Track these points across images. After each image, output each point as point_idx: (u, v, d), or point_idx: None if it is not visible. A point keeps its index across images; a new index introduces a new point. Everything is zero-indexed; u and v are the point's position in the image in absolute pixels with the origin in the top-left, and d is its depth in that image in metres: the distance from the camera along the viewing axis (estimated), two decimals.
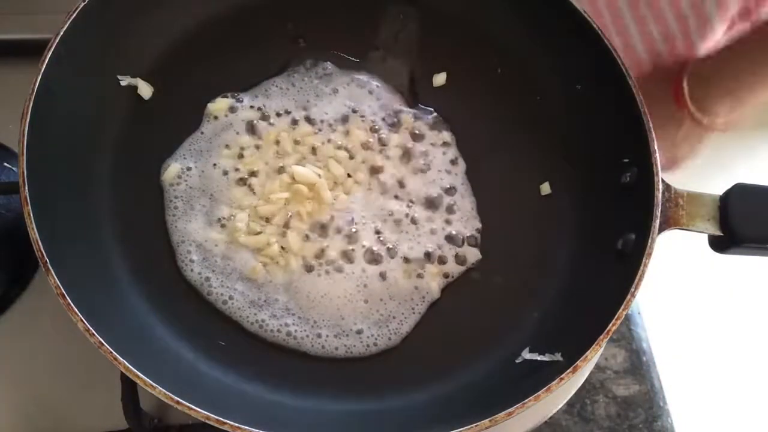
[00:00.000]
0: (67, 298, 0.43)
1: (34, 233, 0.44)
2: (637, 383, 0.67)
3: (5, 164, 0.60)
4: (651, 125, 0.54)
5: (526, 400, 0.44)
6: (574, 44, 0.59)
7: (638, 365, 0.68)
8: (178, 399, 0.41)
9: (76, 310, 0.43)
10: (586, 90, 0.60)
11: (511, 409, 0.44)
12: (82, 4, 0.52)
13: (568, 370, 0.46)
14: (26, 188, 0.45)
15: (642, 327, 0.70)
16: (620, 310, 0.48)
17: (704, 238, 0.53)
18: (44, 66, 0.50)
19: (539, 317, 0.56)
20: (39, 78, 0.49)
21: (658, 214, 0.51)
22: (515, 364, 0.52)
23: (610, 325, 0.47)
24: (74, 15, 0.51)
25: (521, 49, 0.63)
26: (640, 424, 0.65)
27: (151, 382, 0.41)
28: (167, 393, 0.41)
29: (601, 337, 0.47)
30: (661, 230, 0.51)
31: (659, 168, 0.53)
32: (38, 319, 0.56)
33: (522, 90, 0.63)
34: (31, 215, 0.45)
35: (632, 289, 0.48)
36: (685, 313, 1.28)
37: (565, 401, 0.59)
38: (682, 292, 1.14)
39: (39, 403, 0.55)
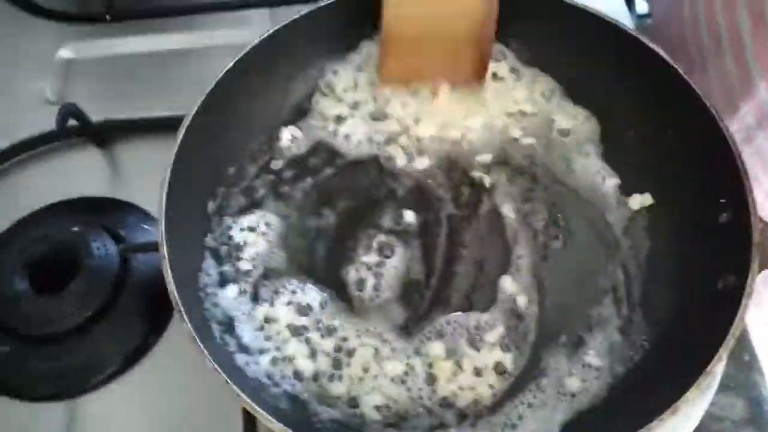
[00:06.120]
0: (198, 342, 0.48)
1: (171, 285, 0.50)
2: None
3: (143, 225, 0.68)
4: (746, 166, 0.54)
5: None
6: (662, 90, 0.61)
7: (759, 414, 0.64)
8: None
9: (206, 353, 0.48)
10: (676, 135, 0.61)
11: None
12: (209, 88, 0.59)
13: (667, 411, 0.46)
14: (165, 247, 0.52)
15: (761, 374, 0.67)
16: (721, 351, 0.47)
17: None
18: (180, 140, 0.56)
19: (641, 359, 0.56)
20: (175, 150, 0.56)
21: (757, 254, 0.51)
22: (615, 405, 0.53)
23: (711, 365, 0.47)
24: (204, 96, 0.58)
25: (611, 95, 0.65)
26: None
27: (270, 417, 0.46)
28: (285, 428, 0.45)
29: (701, 378, 0.47)
30: (761, 270, 0.50)
31: (756, 208, 0.52)
32: (174, 364, 0.62)
33: (612, 137, 0.66)
34: (168, 270, 0.51)
35: (732, 330, 0.48)
36: None
37: None
38: None
39: None
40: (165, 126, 0.69)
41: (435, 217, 0.64)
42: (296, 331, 0.57)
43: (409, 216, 0.63)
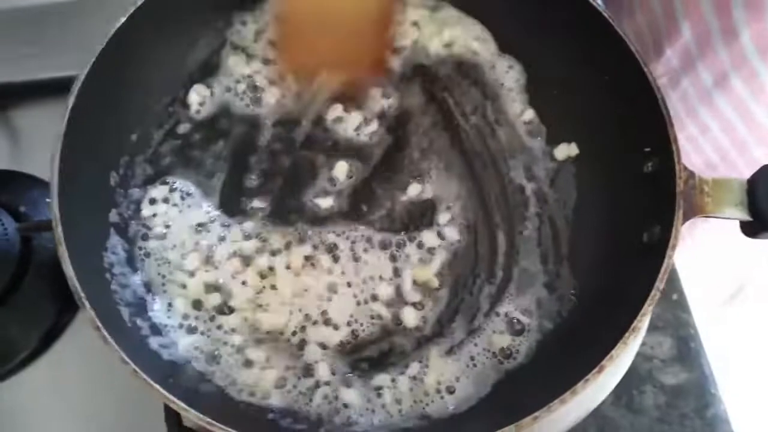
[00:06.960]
0: (103, 331, 0.45)
1: (69, 269, 0.47)
2: (685, 371, 0.65)
3: (46, 200, 0.62)
4: (669, 112, 0.53)
5: (552, 403, 0.44)
6: (588, 36, 0.58)
7: (686, 352, 0.66)
8: (210, 420, 0.43)
9: (113, 342, 0.45)
10: (602, 81, 0.59)
11: (537, 414, 0.44)
12: (101, 46, 0.54)
13: (593, 371, 0.45)
14: (60, 227, 0.48)
15: (688, 313, 0.68)
16: (645, 306, 0.47)
17: None
18: (71, 105, 0.52)
19: (569, 314, 0.56)
20: (67, 117, 0.51)
21: (681, 202, 0.50)
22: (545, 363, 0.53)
23: (636, 322, 0.46)
24: (95, 56, 0.54)
25: (537, 42, 0.63)
26: (691, 413, 0.63)
27: (184, 405, 0.43)
28: (199, 415, 0.43)
29: (627, 334, 0.46)
30: (686, 219, 0.50)
31: (680, 155, 0.51)
32: (91, 343, 0.58)
33: (537, 85, 0.64)
34: (65, 253, 0.47)
35: (657, 283, 0.47)
36: (733, 296, 1.23)
37: (607, 393, 0.57)
38: (729, 274, 1.10)
39: (91, 424, 0.58)
40: (66, 88, 0.63)
41: (361, 177, 0.61)
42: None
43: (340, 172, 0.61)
